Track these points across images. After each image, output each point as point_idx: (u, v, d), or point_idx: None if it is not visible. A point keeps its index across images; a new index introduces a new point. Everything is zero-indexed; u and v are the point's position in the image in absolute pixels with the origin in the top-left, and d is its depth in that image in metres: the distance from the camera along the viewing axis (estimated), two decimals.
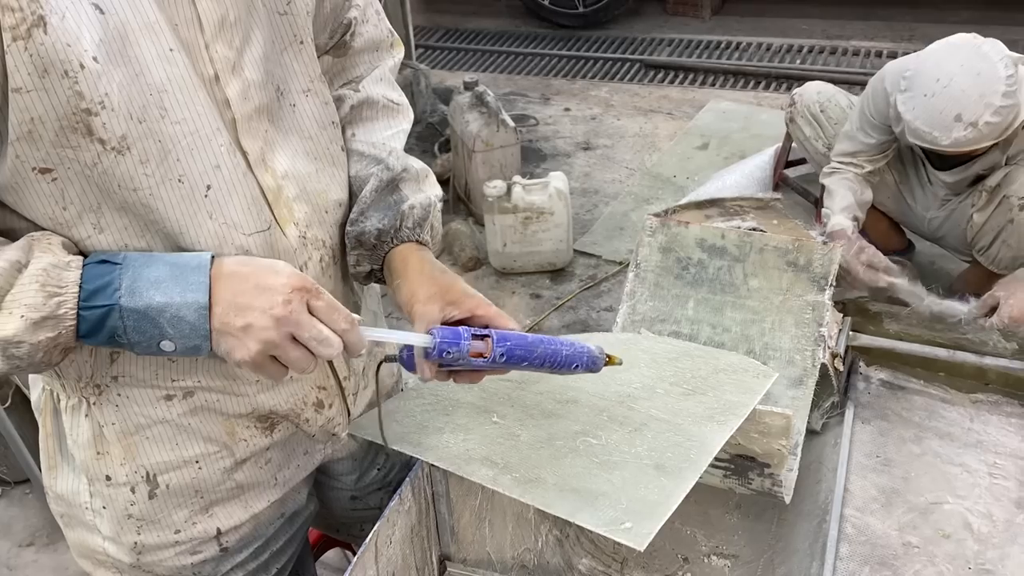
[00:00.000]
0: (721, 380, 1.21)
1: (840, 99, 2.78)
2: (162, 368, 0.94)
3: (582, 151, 3.88)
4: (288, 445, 1.10)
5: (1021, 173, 2.21)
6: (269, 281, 0.82)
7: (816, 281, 1.91)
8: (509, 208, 2.89)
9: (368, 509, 1.30)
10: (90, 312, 0.79)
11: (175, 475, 1.02)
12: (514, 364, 0.91)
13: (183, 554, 1.07)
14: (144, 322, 0.80)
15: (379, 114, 1.10)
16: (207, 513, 1.06)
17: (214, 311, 0.81)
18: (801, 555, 1.65)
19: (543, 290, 2.99)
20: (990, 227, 2.31)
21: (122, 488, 1.01)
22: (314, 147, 1.00)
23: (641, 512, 0.95)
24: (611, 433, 1.09)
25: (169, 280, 0.80)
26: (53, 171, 0.80)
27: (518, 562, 1.53)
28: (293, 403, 1.05)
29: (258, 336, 0.81)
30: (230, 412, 1.01)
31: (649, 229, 2.09)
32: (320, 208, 1.00)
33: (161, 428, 0.99)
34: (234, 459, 1.04)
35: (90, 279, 0.80)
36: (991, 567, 1.57)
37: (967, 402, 1.95)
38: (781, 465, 1.44)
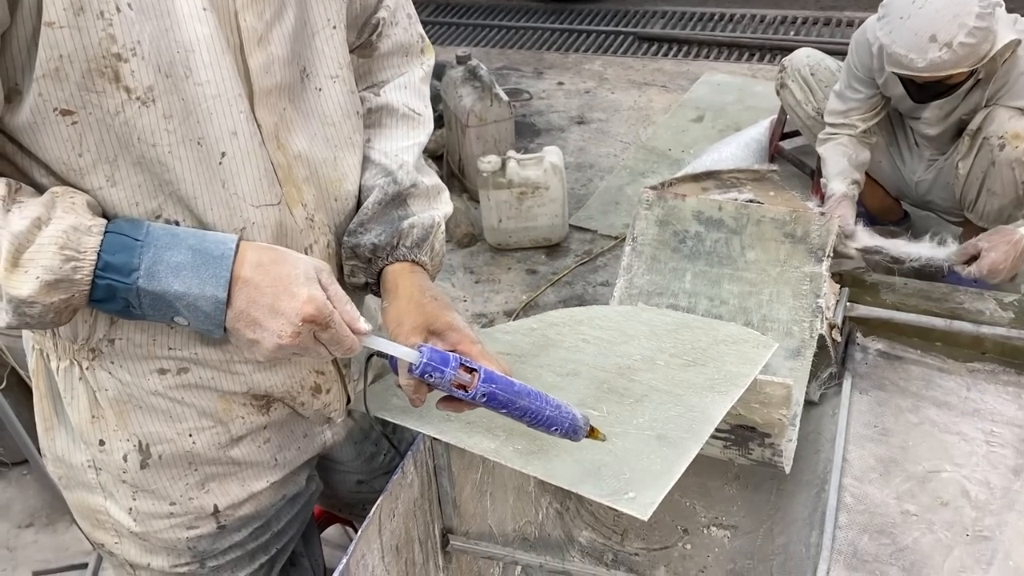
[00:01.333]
0: (721, 351, 1.21)
1: (829, 63, 2.79)
2: (160, 334, 0.93)
3: (576, 125, 3.85)
4: (286, 426, 1.09)
5: (1000, 112, 2.21)
6: (283, 304, 0.82)
7: (813, 252, 1.91)
8: (504, 183, 2.88)
9: (374, 492, 1.30)
10: (105, 282, 0.79)
11: (168, 446, 1.01)
12: (493, 407, 0.90)
13: (178, 527, 1.05)
14: (160, 303, 0.80)
15: (398, 122, 1.08)
16: (203, 488, 1.05)
17: (229, 311, 0.82)
18: (800, 524, 1.66)
19: (539, 265, 2.98)
20: (975, 176, 2.31)
21: (115, 455, 1.00)
22: (335, 134, 0.99)
23: (644, 482, 0.95)
24: (612, 405, 1.09)
25: (190, 268, 0.80)
26: (75, 114, 0.79)
27: (519, 534, 1.53)
28: (290, 386, 1.04)
29: (264, 352, 0.83)
30: (225, 389, 1.00)
31: (645, 202, 2.08)
32: (330, 195, 1.00)
33: (154, 399, 0.98)
34: (230, 435, 1.03)
35: (110, 249, 0.79)
36: (989, 534, 1.58)
37: (964, 371, 1.96)
38: (782, 435, 1.45)
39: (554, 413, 0.91)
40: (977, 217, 2.40)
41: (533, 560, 1.31)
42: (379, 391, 1.19)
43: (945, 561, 1.55)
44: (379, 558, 1.08)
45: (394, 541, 1.12)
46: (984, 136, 2.24)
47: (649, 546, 1.72)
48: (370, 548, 1.06)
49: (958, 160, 2.34)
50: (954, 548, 1.57)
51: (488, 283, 2.92)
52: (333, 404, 1.10)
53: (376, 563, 1.07)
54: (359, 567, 1.03)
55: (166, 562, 1.07)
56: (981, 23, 2.02)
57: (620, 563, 1.68)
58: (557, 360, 1.18)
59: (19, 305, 0.77)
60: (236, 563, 1.11)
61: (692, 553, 1.71)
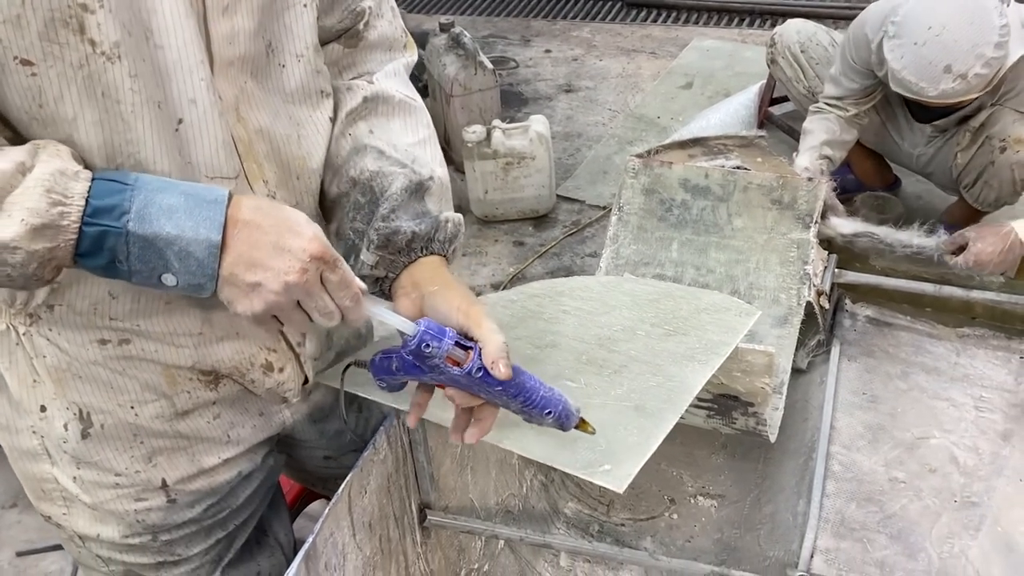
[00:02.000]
0: (703, 320, 1.19)
1: (822, 37, 2.70)
2: (102, 303, 0.90)
3: (564, 94, 3.80)
4: (239, 404, 1.06)
5: (1004, 114, 2.17)
6: (288, 242, 0.79)
7: (801, 219, 1.88)
8: (489, 154, 2.83)
9: (343, 468, 1.28)
10: (93, 229, 0.74)
11: (110, 417, 0.97)
12: (488, 385, 0.87)
13: (125, 498, 1.02)
14: (150, 251, 0.76)
15: (395, 110, 1.05)
16: (150, 462, 1.01)
17: (225, 257, 0.78)
18: (787, 493, 1.65)
19: (526, 237, 2.95)
20: (973, 167, 2.28)
21: (55, 423, 0.97)
22: (297, 112, 0.96)
23: (620, 454, 0.93)
24: (590, 376, 1.06)
25: (183, 211, 0.76)
26: (35, 66, 0.76)
27: (503, 508, 1.52)
28: (238, 362, 1.01)
29: (265, 298, 0.78)
30: (169, 363, 0.97)
31: (632, 171, 2.05)
32: (292, 173, 0.97)
33: (94, 369, 0.95)
34: (175, 409, 1.00)
35: (98, 195, 0.75)
36: (977, 499, 1.57)
37: (954, 336, 1.94)
38: (765, 403, 1.42)
39: (548, 395, 0.89)
40: (972, 199, 2.38)
41: (513, 534, 1.29)
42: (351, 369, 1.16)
43: (933, 528, 1.54)
44: (350, 536, 1.06)
45: (366, 518, 1.10)
46: (987, 135, 2.20)
47: (636, 516, 1.71)
48: (339, 526, 1.03)
49: (957, 151, 2.31)
50: (942, 514, 1.56)
51: (475, 256, 2.89)
52: (287, 384, 1.06)
53: (347, 541, 1.05)
54: (327, 545, 1.01)
55: (116, 532, 1.04)
56: (998, 52, 1.91)
57: (606, 534, 1.66)
58: (536, 332, 1.16)
59: (0, 251, 0.73)
60: (190, 538, 1.09)
61: (679, 523, 1.70)
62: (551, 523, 1.64)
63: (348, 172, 1.00)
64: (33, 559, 2.10)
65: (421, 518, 1.26)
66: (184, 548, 1.09)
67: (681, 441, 1.82)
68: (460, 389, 0.88)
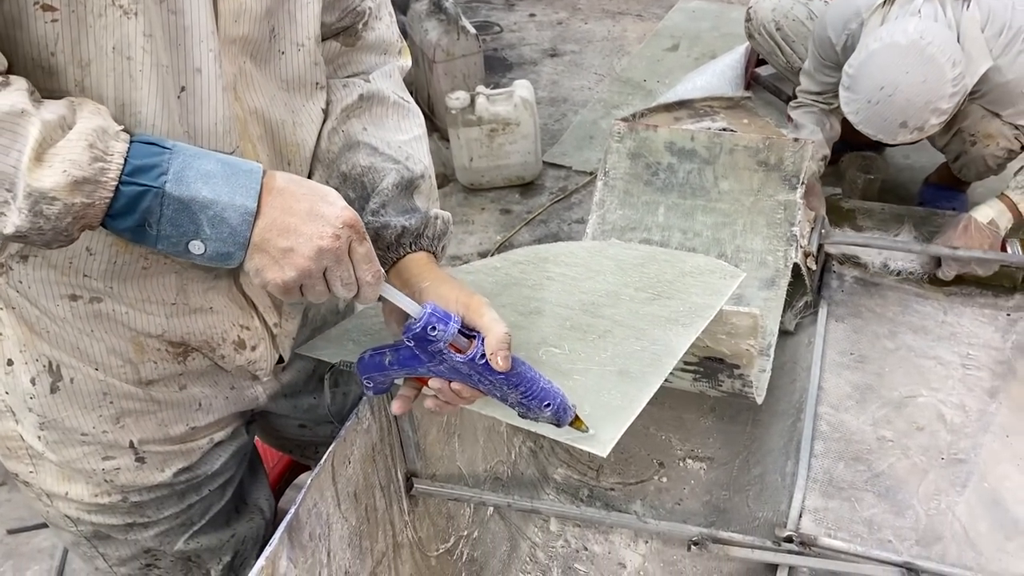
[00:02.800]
0: (687, 283, 1.18)
1: (798, 11, 2.62)
2: (78, 258, 0.88)
3: (549, 58, 3.75)
4: (208, 377, 1.05)
5: (974, 110, 2.12)
6: (322, 209, 0.79)
7: (787, 180, 1.87)
8: (473, 120, 2.80)
9: (318, 436, 1.27)
10: (130, 188, 0.74)
11: (79, 372, 0.96)
12: (490, 374, 0.86)
13: (92, 456, 1.00)
14: (183, 215, 0.76)
15: (389, 111, 1.05)
16: (118, 423, 1.00)
17: (258, 223, 0.78)
18: (776, 454, 1.65)
19: (513, 205, 2.93)
20: (951, 150, 2.27)
21: (22, 378, 0.95)
22: (291, 100, 0.96)
23: (604, 418, 0.92)
24: (574, 342, 1.05)
25: (220, 177, 0.77)
26: (56, 11, 0.75)
27: (491, 475, 1.52)
28: (209, 336, 1.00)
29: (297, 263, 0.79)
30: (138, 329, 0.96)
31: (617, 135, 2.03)
32: (283, 158, 0.97)
33: (63, 326, 0.93)
34: (139, 377, 0.99)
35: (137, 155, 0.75)
36: (964, 456, 1.58)
37: (941, 295, 1.94)
38: (750, 365, 1.42)
39: (548, 387, 0.89)
40: (956, 172, 2.36)
41: (501, 500, 1.29)
42: (333, 336, 1.15)
43: (920, 485, 1.55)
44: (334, 506, 1.06)
45: (351, 488, 1.09)
46: (959, 128, 2.18)
47: (625, 481, 1.72)
48: (323, 496, 1.03)
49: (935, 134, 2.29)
50: (929, 472, 1.56)
51: (461, 224, 2.87)
52: (259, 363, 1.05)
53: (331, 511, 1.05)
54: (311, 516, 1.00)
55: (85, 491, 1.03)
56: (952, 101, 1.85)
57: (596, 498, 1.67)
58: (520, 299, 1.15)
59: (38, 201, 0.71)
60: (162, 501, 1.08)
61: (668, 486, 1.71)
62: (541, 489, 1.64)
63: (339, 167, 1.00)
64: (25, 536, 2.10)
65: (408, 487, 1.25)
66: (155, 511, 1.08)
67: (670, 405, 1.83)
68: (460, 379, 0.88)
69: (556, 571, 1.53)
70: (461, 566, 1.41)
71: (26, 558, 2.05)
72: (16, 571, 2.03)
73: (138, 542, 1.10)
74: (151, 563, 1.13)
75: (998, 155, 2.10)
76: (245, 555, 1.23)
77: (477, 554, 1.45)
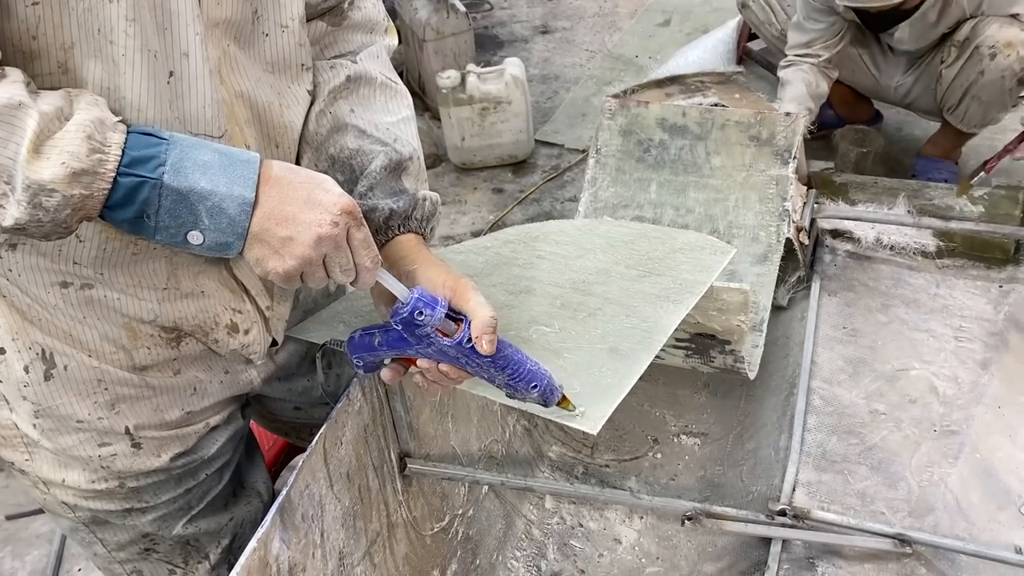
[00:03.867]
0: (678, 260, 1.17)
1: None
2: (67, 245, 0.88)
3: (540, 35, 3.72)
4: (202, 362, 1.05)
5: (990, 22, 2.16)
6: (320, 197, 0.80)
7: (779, 154, 1.86)
8: (464, 99, 2.78)
9: (314, 419, 1.27)
10: (128, 179, 0.74)
11: (73, 360, 0.96)
12: (477, 357, 0.87)
13: (88, 444, 1.00)
14: (181, 206, 0.76)
15: (376, 92, 1.05)
16: (113, 409, 1.00)
17: (256, 213, 0.78)
18: (769, 429, 1.66)
19: (505, 184, 2.92)
20: (959, 83, 2.26)
21: (15, 366, 0.95)
22: (277, 82, 0.96)
23: (594, 396, 0.93)
24: (565, 320, 1.05)
25: (217, 167, 0.77)
26: None
27: (485, 453, 1.52)
28: (201, 320, 0.99)
29: (297, 252, 0.79)
30: (131, 315, 0.95)
31: (608, 112, 2.02)
32: (271, 140, 0.97)
33: (55, 313, 0.93)
34: (133, 363, 0.99)
35: (134, 146, 0.75)
36: (956, 428, 1.58)
37: (933, 268, 1.94)
38: (742, 341, 1.42)
39: (535, 368, 0.90)
40: (957, 120, 2.36)
41: (495, 479, 1.30)
42: (324, 318, 1.15)
43: (913, 457, 1.55)
44: (327, 487, 1.06)
45: (343, 469, 1.10)
46: (975, 45, 2.18)
47: (620, 457, 1.72)
48: (315, 477, 1.03)
49: (942, 68, 2.28)
50: (922, 444, 1.57)
51: (454, 204, 2.86)
52: (253, 346, 1.05)
53: (324, 492, 1.05)
54: (303, 497, 1.00)
55: (82, 478, 1.03)
56: None
57: (591, 475, 1.68)
58: (510, 278, 1.15)
59: (36, 193, 0.71)
60: (159, 486, 1.08)
61: (663, 462, 1.71)
62: (535, 467, 1.65)
63: (327, 150, 1.00)
64: (23, 522, 2.10)
65: (401, 467, 1.26)
66: (152, 496, 1.08)
67: (664, 381, 1.83)
68: (448, 361, 0.88)
69: (552, 548, 1.54)
70: (456, 544, 1.41)
71: (25, 543, 2.06)
72: (15, 556, 2.04)
73: (136, 527, 1.10)
74: (150, 548, 1.13)
75: (1016, 69, 2.14)
76: (244, 538, 1.23)
77: (472, 532, 1.46)
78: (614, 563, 1.52)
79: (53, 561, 1.95)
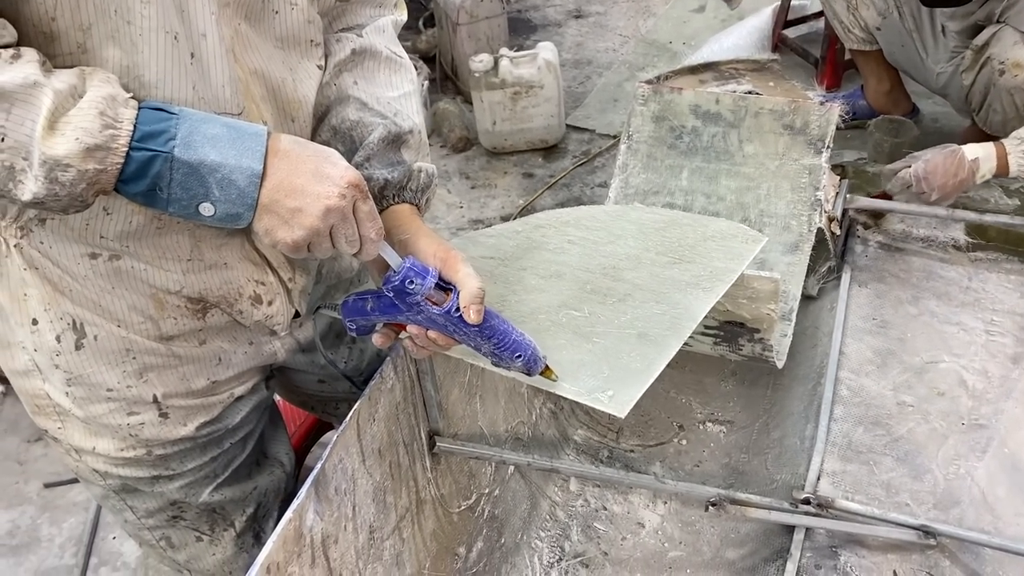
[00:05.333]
0: (709, 247, 1.18)
1: None
2: (95, 219, 0.91)
3: (573, 20, 3.71)
4: (227, 333, 1.08)
5: (1006, 34, 2.11)
6: (327, 169, 0.83)
7: (813, 144, 1.85)
8: (497, 83, 2.79)
9: (337, 392, 1.30)
10: (140, 154, 0.77)
11: (102, 329, 0.99)
12: (463, 325, 0.91)
13: (117, 412, 1.03)
14: (192, 178, 0.78)
15: (381, 66, 1.07)
16: (141, 378, 1.02)
17: (265, 185, 0.81)
18: (795, 418, 1.66)
19: (536, 168, 2.93)
20: (978, 89, 2.24)
21: (47, 336, 0.98)
22: (288, 58, 0.98)
23: (623, 380, 0.94)
24: (594, 305, 1.07)
25: (226, 140, 0.79)
26: None
27: (512, 435, 1.54)
28: (225, 291, 1.02)
29: (305, 223, 0.82)
30: (157, 285, 0.98)
31: (641, 97, 2.01)
32: (287, 115, 0.99)
33: (85, 283, 0.95)
34: (160, 333, 1.02)
35: (145, 121, 0.78)
36: (985, 422, 1.58)
37: (966, 261, 1.93)
38: (771, 330, 1.43)
39: (520, 339, 0.93)
40: (981, 123, 2.33)
41: (521, 459, 1.32)
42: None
43: (939, 450, 1.55)
44: (359, 461, 1.08)
45: (375, 445, 1.12)
46: (988, 55, 2.16)
47: (645, 443, 1.73)
48: (348, 452, 1.06)
49: (962, 71, 2.26)
50: (949, 437, 1.57)
51: (484, 188, 2.87)
52: (276, 317, 1.07)
53: (356, 466, 1.08)
54: (336, 471, 1.03)
55: (111, 446, 1.06)
56: None
57: (616, 460, 1.69)
58: (541, 262, 1.16)
59: (52, 168, 0.75)
60: (185, 454, 1.11)
61: (687, 448, 1.72)
62: (561, 450, 1.66)
63: (330, 121, 1.02)
64: (61, 490, 2.16)
65: (430, 445, 1.28)
66: (179, 464, 1.11)
67: (690, 369, 1.84)
68: (436, 328, 0.92)
69: (575, 529, 1.55)
70: (483, 523, 1.44)
71: (62, 511, 2.12)
72: (52, 523, 2.10)
73: (164, 494, 1.13)
74: (177, 515, 1.17)
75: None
76: (267, 507, 1.27)
77: (498, 511, 1.48)
78: (637, 546, 1.54)
79: (89, 528, 2.00)
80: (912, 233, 1.96)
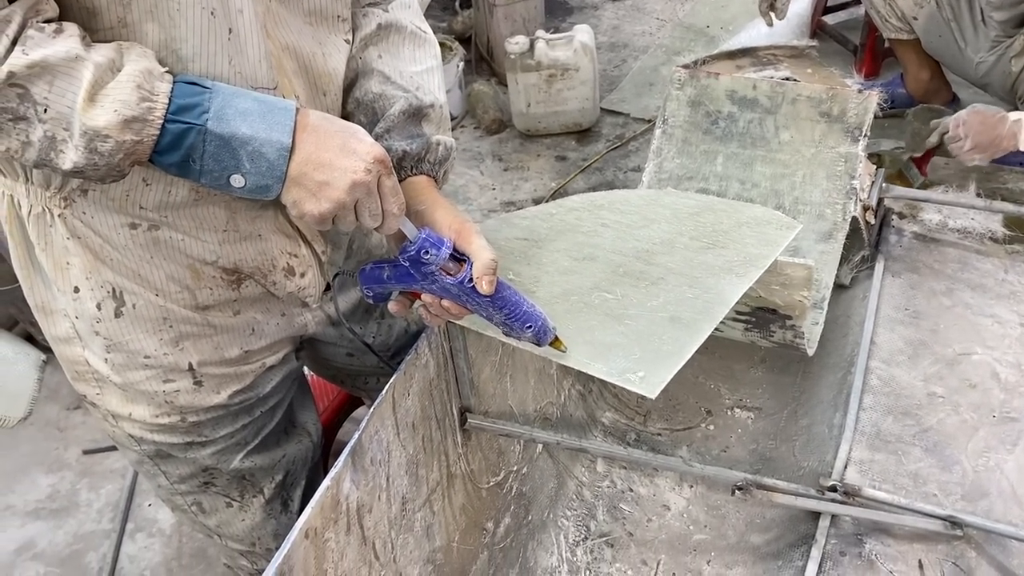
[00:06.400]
0: (743, 233, 1.18)
1: None
2: (135, 189, 0.93)
3: (610, 2, 3.69)
4: (260, 304, 1.11)
5: None
6: (353, 145, 0.85)
7: (850, 132, 1.84)
8: (532, 66, 2.79)
9: (366, 366, 1.33)
10: (175, 126, 0.80)
11: (141, 298, 1.02)
12: (476, 295, 0.93)
13: (154, 380, 1.07)
14: (224, 151, 0.81)
15: (405, 40, 1.09)
16: (177, 346, 1.06)
17: (294, 158, 0.84)
18: (825, 406, 1.67)
19: (569, 151, 2.93)
20: None
21: (88, 303, 1.01)
22: (316, 32, 1.00)
23: (654, 362, 0.95)
24: (627, 288, 1.08)
25: (257, 114, 0.82)
26: None
27: (540, 415, 1.56)
28: (260, 263, 1.05)
29: (332, 196, 0.84)
30: (194, 256, 1.01)
31: (677, 82, 2.01)
32: (319, 89, 1.01)
33: (125, 253, 0.98)
34: (196, 302, 1.05)
35: (180, 95, 0.81)
36: (1016, 415, 1.57)
37: (1002, 252, 1.91)
38: (803, 317, 1.43)
39: (530, 310, 0.95)
40: None
41: (550, 438, 1.34)
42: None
43: (969, 442, 1.54)
44: (394, 434, 1.11)
45: (409, 419, 1.14)
46: None
47: (672, 427, 1.75)
48: (383, 425, 1.08)
49: (1012, 57, 2.22)
50: (979, 429, 1.56)
51: (517, 170, 2.88)
52: (308, 289, 1.10)
53: (391, 439, 1.10)
54: (372, 442, 1.05)
55: (147, 412, 1.10)
56: None
57: (643, 443, 1.71)
58: (574, 244, 1.17)
59: (92, 139, 0.78)
60: (217, 421, 1.14)
61: (715, 434, 1.73)
62: (588, 431, 1.68)
63: (354, 94, 1.05)
64: (99, 457, 2.23)
65: (462, 421, 1.30)
66: (211, 430, 1.15)
67: (720, 355, 1.84)
68: (450, 297, 0.95)
69: (601, 509, 1.57)
70: (511, 499, 1.46)
71: (100, 477, 2.19)
72: (91, 489, 2.17)
73: (196, 460, 1.17)
74: (209, 481, 1.21)
75: None
76: (295, 475, 1.30)
77: (526, 489, 1.50)
78: (662, 528, 1.55)
79: (126, 495, 2.06)
80: (948, 224, 1.94)
